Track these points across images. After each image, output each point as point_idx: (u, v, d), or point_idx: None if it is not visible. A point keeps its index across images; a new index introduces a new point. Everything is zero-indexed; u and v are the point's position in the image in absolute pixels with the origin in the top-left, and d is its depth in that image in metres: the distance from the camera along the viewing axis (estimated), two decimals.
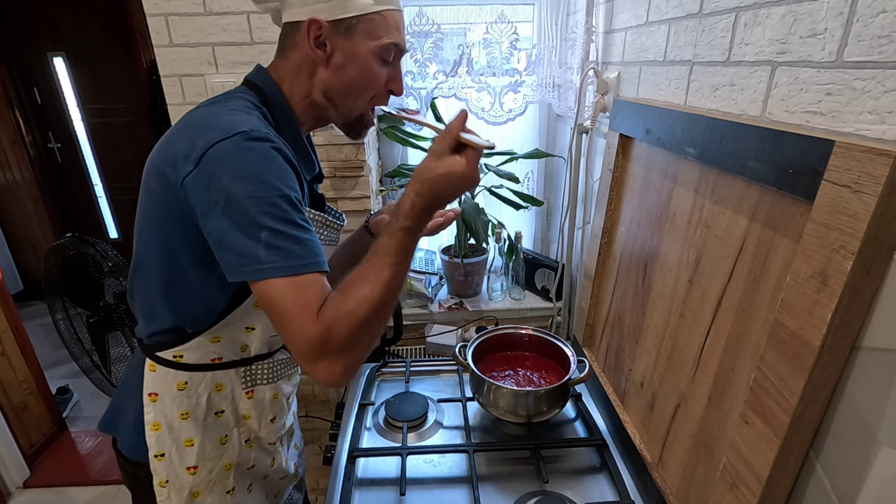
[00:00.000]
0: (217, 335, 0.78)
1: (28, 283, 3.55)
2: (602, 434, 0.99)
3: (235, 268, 0.62)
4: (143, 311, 0.79)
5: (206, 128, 0.64)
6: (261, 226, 0.60)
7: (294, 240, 0.62)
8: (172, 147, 0.66)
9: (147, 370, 0.79)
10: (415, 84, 1.41)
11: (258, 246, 0.60)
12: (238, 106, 0.70)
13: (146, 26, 1.22)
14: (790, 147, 0.54)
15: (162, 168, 0.66)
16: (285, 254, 0.60)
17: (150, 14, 1.21)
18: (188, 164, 0.63)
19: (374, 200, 1.48)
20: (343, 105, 0.76)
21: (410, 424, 1.02)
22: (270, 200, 0.61)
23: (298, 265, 0.61)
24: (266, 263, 0.60)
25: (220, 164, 0.61)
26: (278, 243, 0.60)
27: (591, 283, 1.17)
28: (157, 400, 0.79)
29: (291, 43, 0.74)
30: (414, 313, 1.52)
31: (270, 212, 0.61)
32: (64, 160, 3.51)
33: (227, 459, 0.83)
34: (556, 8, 1.34)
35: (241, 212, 0.60)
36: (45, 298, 2.11)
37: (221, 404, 0.82)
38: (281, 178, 0.63)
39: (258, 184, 0.61)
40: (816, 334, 0.48)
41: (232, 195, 0.60)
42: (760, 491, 0.55)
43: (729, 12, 0.70)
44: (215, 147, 0.62)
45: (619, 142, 1.04)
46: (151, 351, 0.79)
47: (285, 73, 0.76)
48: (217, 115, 0.67)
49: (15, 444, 1.99)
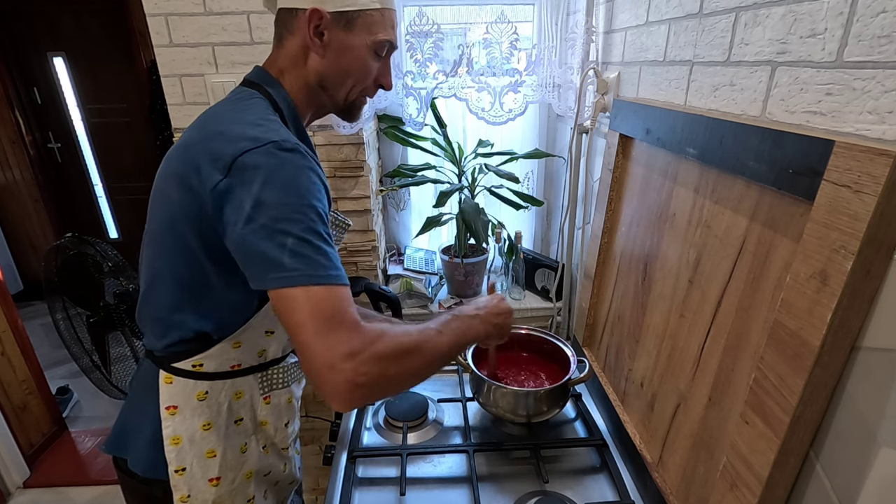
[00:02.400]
0: (238, 340, 0.77)
1: (28, 283, 3.55)
2: (602, 434, 0.99)
3: (258, 275, 0.61)
4: (160, 322, 0.76)
5: (234, 137, 0.64)
6: (287, 233, 0.60)
7: (318, 250, 0.61)
8: (195, 155, 0.65)
9: (162, 383, 0.77)
10: (415, 84, 1.41)
11: (283, 252, 0.59)
12: (259, 114, 0.70)
13: (146, 26, 1.22)
14: (790, 147, 0.54)
15: (185, 175, 0.66)
16: (310, 262, 0.60)
17: (150, 14, 1.21)
18: (217, 172, 0.63)
19: (374, 200, 1.49)
20: (336, 94, 0.78)
21: (410, 424, 1.02)
22: (298, 209, 0.61)
23: (323, 275, 0.60)
24: (291, 271, 0.59)
25: (251, 172, 0.61)
26: (303, 251, 0.60)
27: (591, 283, 1.17)
28: (177, 412, 0.77)
29: (289, 30, 0.75)
30: (414, 313, 1.52)
31: (298, 219, 0.61)
32: (64, 160, 3.51)
33: (248, 468, 0.83)
34: (556, 8, 1.34)
35: (269, 217, 0.60)
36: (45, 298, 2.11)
37: (241, 412, 0.81)
38: (310, 189, 0.63)
39: (288, 192, 0.61)
40: (816, 334, 0.48)
41: (262, 201, 0.60)
42: (760, 491, 0.55)
43: (729, 12, 0.70)
44: (246, 155, 0.62)
45: (619, 142, 1.04)
46: (167, 363, 0.76)
47: (285, 65, 0.76)
48: (242, 123, 0.67)
49: (15, 444, 1.99)
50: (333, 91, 0.78)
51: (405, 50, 1.38)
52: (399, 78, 1.39)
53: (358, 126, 1.29)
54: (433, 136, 1.53)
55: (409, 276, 1.55)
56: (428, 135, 1.53)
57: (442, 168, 1.55)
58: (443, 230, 1.72)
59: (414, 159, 1.63)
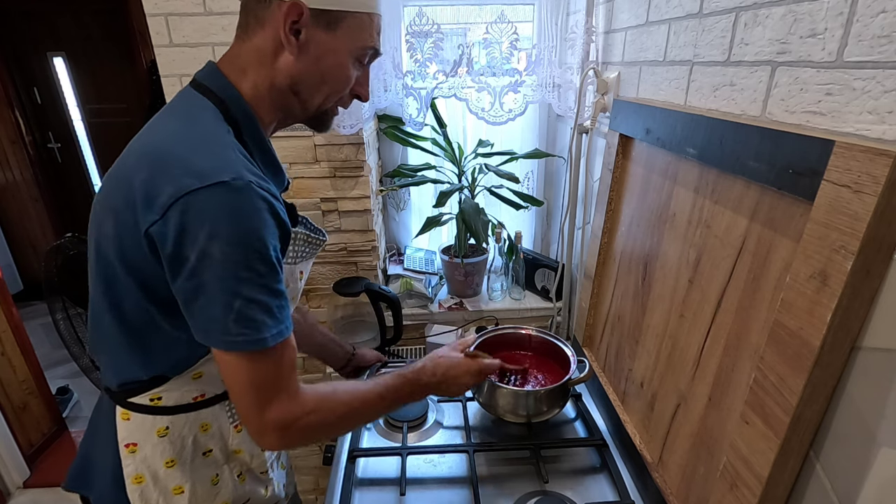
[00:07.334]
0: (199, 371, 0.71)
1: (28, 283, 3.55)
2: (602, 434, 0.99)
3: (202, 331, 0.59)
4: (111, 360, 0.70)
5: (176, 169, 0.56)
6: (235, 294, 0.56)
7: (265, 309, 0.58)
8: (130, 183, 0.58)
9: (119, 419, 0.70)
10: (415, 84, 1.41)
11: (229, 315, 0.56)
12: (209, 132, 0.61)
13: (146, 26, 1.22)
14: (790, 147, 0.54)
15: (118, 208, 0.59)
16: (255, 325, 0.57)
17: (150, 14, 1.21)
18: (152, 212, 0.55)
19: (374, 200, 1.48)
20: (310, 100, 0.69)
21: (410, 424, 1.02)
22: (248, 264, 0.56)
23: (268, 337, 0.58)
24: (235, 335, 0.57)
25: (194, 219, 0.54)
26: (250, 314, 0.57)
27: (591, 283, 1.17)
28: (137, 450, 0.71)
29: (258, 21, 0.64)
30: (414, 313, 1.52)
31: (246, 277, 0.56)
32: (64, 160, 3.51)
33: (222, 499, 0.77)
34: (556, 8, 1.34)
35: (215, 275, 0.55)
36: (45, 298, 2.11)
37: (209, 444, 0.75)
38: (260, 235, 0.57)
39: (237, 244, 0.55)
40: (816, 334, 0.48)
41: (207, 255, 0.55)
42: (760, 491, 0.55)
43: (729, 12, 0.70)
44: (190, 197, 0.54)
45: (619, 142, 1.04)
46: (122, 398, 0.70)
47: (248, 62, 0.66)
48: (187, 146, 0.59)
49: (15, 444, 1.99)
50: (307, 97, 0.68)
51: (405, 50, 1.38)
52: (399, 78, 1.39)
53: (358, 126, 1.29)
54: (433, 136, 1.53)
55: (409, 276, 1.55)
56: (428, 135, 1.53)
57: (442, 168, 1.55)
58: (443, 230, 1.72)
59: (414, 159, 1.63)
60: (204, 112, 0.64)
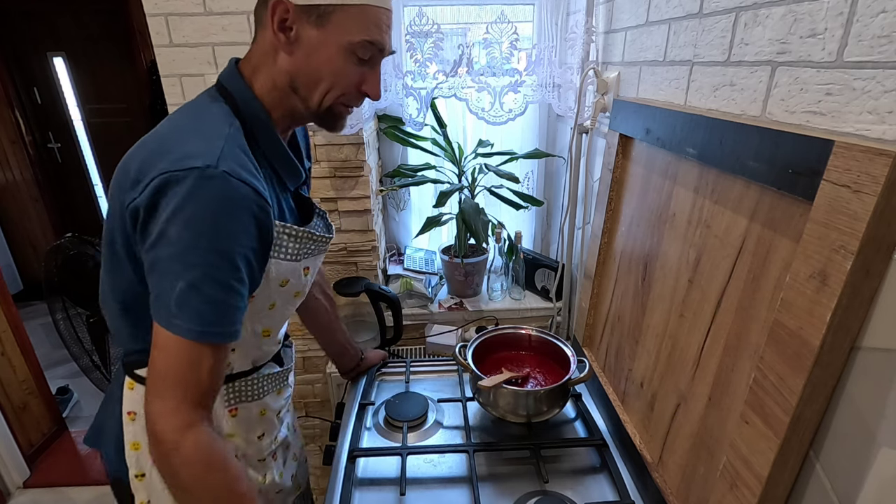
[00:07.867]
0: None
1: (28, 283, 3.54)
2: (602, 434, 0.99)
3: (152, 305, 0.60)
4: (116, 333, 0.76)
5: (164, 151, 0.60)
6: (179, 276, 0.57)
7: (209, 300, 0.58)
8: (128, 169, 0.63)
9: (126, 388, 0.75)
10: (415, 84, 1.41)
11: (171, 294, 0.57)
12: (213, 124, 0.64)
13: (146, 26, 1.22)
14: (790, 147, 0.54)
15: (114, 194, 0.64)
16: (192, 315, 0.58)
17: (150, 14, 1.21)
18: (135, 190, 0.60)
19: (374, 200, 1.49)
20: (309, 97, 0.69)
21: (410, 424, 1.02)
22: (200, 253, 0.57)
23: (200, 332, 0.58)
24: (173, 317, 0.58)
25: (162, 198, 0.57)
26: (190, 300, 0.57)
27: (591, 283, 1.17)
28: (136, 419, 0.75)
29: (259, 21, 0.68)
30: (414, 313, 1.52)
31: (196, 263, 0.57)
32: (64, 160, 3.51)
33: None
34: (556, 8, 1.34)
35: (167, 254, 0.57)
36: (45, 298, 2.11)
37: None
38: (222, 227, 0.58)
39: (195, 231, 0.57)
40: (816, 334, 0.48)
41: (163, 234, 0.57)
42: (760, 491, 0.55)
43: (729, 12, 0.70)
44: (163, 178, 0.57)
45: (619, 142, 1.04)
46: (130, 368, 0.75)
47: (258, 62, 0.69)
48: (186, 135, 0.63)
49: (15, 444, 1.99)
50: (305, 94, 0.69)
51: (405, 50, 1.38)
52: (399, 78, 1.39)
53: (358, 126, 1.29)
54: (433, 136, 1.53)
55: (409, 276, 1.55)
56: (428, 135, 1.53)
57: (442, 168, 1.55)
58: (443, 230, 1.72)
59: (414, 159, 1.63)
60: (213, 107, 0.67)
